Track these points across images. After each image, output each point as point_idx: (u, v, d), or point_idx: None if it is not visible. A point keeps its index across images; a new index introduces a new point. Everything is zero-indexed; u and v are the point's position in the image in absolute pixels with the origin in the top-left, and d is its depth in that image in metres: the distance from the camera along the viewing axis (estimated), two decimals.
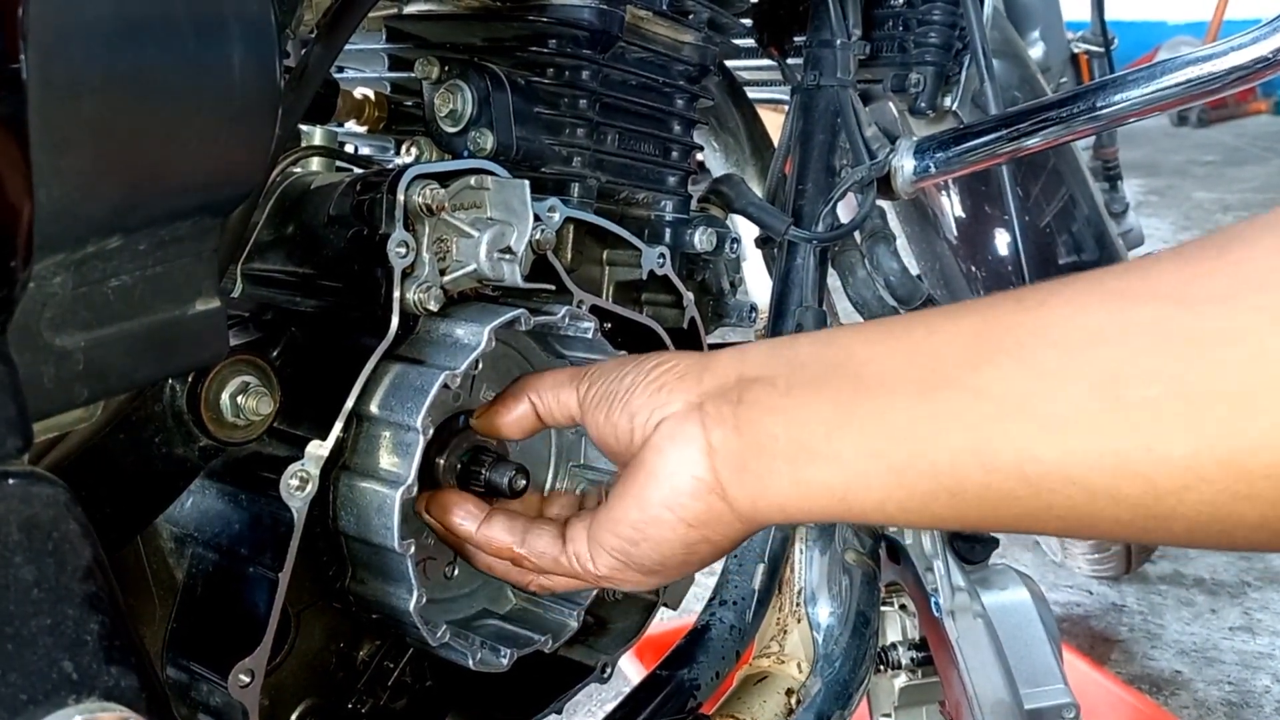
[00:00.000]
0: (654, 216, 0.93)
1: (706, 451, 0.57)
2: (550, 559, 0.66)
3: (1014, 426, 0.47)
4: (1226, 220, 5.74)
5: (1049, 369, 0.46)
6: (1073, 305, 0.47)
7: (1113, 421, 0.44)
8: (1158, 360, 0.43)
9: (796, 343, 0.58)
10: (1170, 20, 9.81)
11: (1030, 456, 0.47)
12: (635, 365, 0.63)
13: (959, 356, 0.50)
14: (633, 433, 0.61)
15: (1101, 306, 0.46)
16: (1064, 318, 0.47)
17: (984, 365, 0.48)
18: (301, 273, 0.72)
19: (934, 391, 0.50)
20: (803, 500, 0.55)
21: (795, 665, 1.01)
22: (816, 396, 0.54)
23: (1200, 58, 0.94)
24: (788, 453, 0.54)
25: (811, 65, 1.09)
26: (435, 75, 0.82)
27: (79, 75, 0.43)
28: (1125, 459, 0.44)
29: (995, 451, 0.48)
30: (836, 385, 0.54)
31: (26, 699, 0.41)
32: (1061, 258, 1.57)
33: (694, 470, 0.57)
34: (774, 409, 0.55)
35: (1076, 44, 2.33)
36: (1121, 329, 0.45)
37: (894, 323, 0.55)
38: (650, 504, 0.59)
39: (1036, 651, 1.13)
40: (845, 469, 0.53)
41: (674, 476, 0.58)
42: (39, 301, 0.45)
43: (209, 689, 0.63)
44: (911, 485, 0.51)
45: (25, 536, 0.42)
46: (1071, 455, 0.46)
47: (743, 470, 0.56)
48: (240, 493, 0.67)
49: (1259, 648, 2.25)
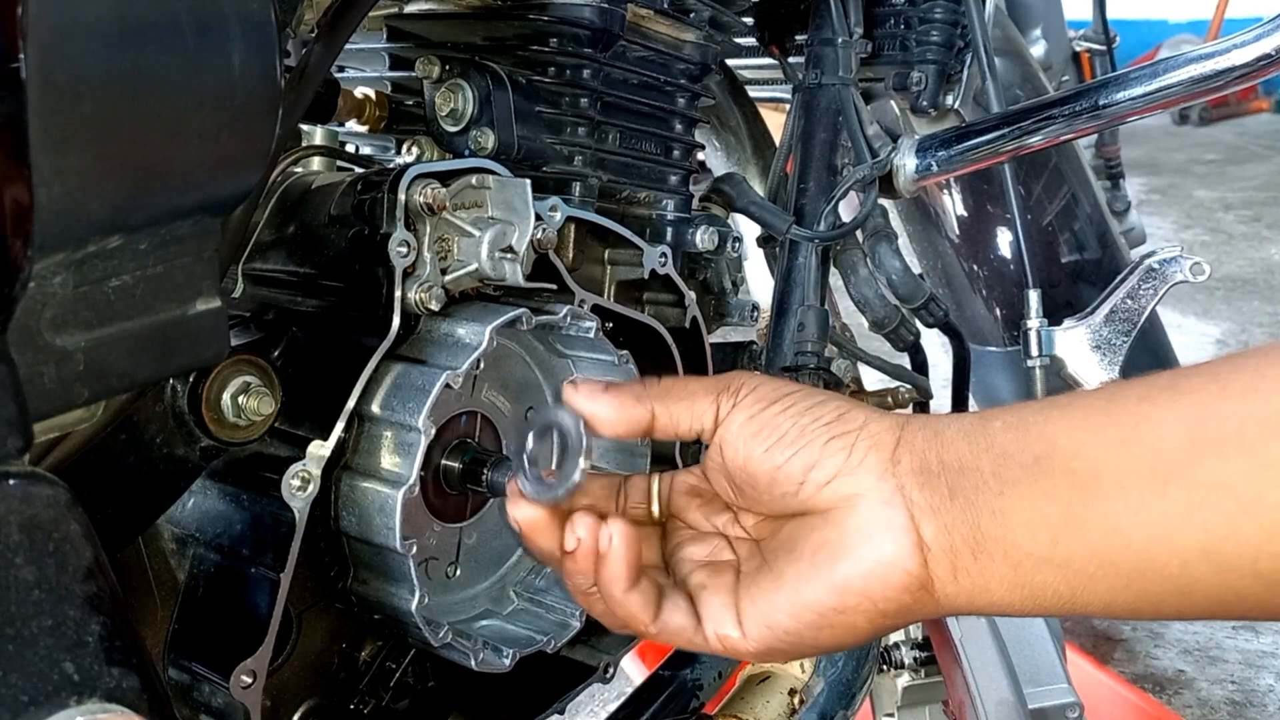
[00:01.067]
0: (655, 215, 0.93)
1: (918, 546, 0.53)
2: (685, 639, 0.59)
3: (1248, 523, 0.46)
4: (1228, 219, 5.74)
5: (1276, 460, 0.45)
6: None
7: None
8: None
9: (989, 427, 0.54)
10: (1171, 19, 9.81)
11: (1266, 553, 0.46)
12: (808, 402, 0.58)
13: (1178, 449, 0.48)
14: (801, 486, 0.56)
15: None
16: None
17: (1207, 458, 0.47)
18: (302, 272, 0.72)
19: (1159, 489, 0.48)
20: (1026, 602, 0.53)
21: (798, 665, 1.01)
22: (1033, 496, 0.51)
23: (1202, 55, 0.94)
24: (1010, 557, 0.52)
25: (813, 64, 1.08)
26: (436, 74, 0.82)
27: (79, 75, 0.43)
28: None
29: (1228, 551, 0.47)
30: (1050, 482, 0.51)
31: (28, 700, 0.41)
32: (1064, 256, 1.57)
33: (905, 564, 0.53)
34: (991, 510, 0.52)
35: (1078, 42, 2.33)
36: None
37: (1088, 406, 0.53)
38: (848, 593, 0.54)
39: (1040, 650, 1.13)
40: (1072, 574, 0.51)
41: (884, 568, 0.53)
42: (40, 301, 0.45)
43: (211, 690, 0.63)
44: (1140, 589, 0.49)
45: (26, 537, 0.42)
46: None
47: (957, 570, 0.53)
48: (241, 493, 0.67)
49: (1262, 647, 2.25)
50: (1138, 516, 0.48)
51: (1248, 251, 5.19)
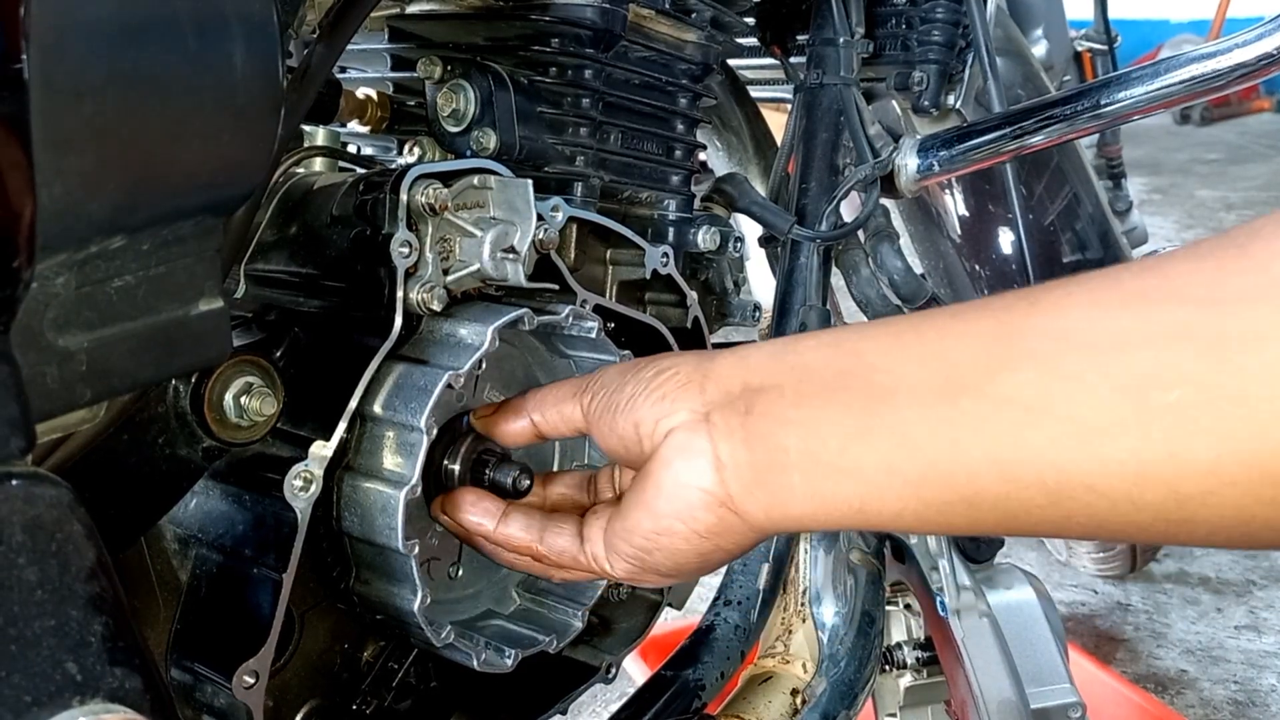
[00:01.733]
0: (657, 216, 0.93)
1: (715, 465, 0.57)
2: (569, 557, 0.66)
3: (1035, 435, 0.46)
4: (1230, 219, 5.74)
5: (1071, 374, 0.45)
6: (1093, 308, 0.46)
7: (1137, 427, 0.43)
8: (1182, 365, 0.42)
9: (800, 347, 0.57)
10: (1173, 18, 9.81)
11: (1051, 465, 0.46)
12: (635, 373, 0.63)
13: (975, 362, 0.48)
14: (640, 441, 0.61)
15: (1123, 309, 0.45)
16: (1085, 321, 0.46)
17: (1002, 371, 0.47)
18: (304, 273, 0.72)
19: (952, 399, 0.49)
20: (818, 512, 0.54)
21: (800, 665, 1.00)
22: (829, 406, 0.53)
23: (1204, 55, 0.94)
24: (801, 465, 0.54)
25: (814, 64, 1.08)
26: (438, 75, 0.82)
27: (81, 75, 0.43)
28: (1148, 465, 0.43)
29: (1015, 461, 0.47)
30: (848, 394, 0.53)
31: (31, 700, 0.41)
32: (1066, 256, 1.57)
33: (702, 484, 0.57)
34: (784, 420, 0.54)
35: (1079, 42, 2.33)
36: (1144, 332, 0.44)
37: (902, 325, 0.54)
38: (661, 516, 0.59)
39: (1042, 651, 1.12)
40: (862, 482, 0.52)
41: (683, 489, 0.58)
42: (42, 302, 0.45)
43: (213, 690, 0.63)
44: (929, 496, 0.50)
45: (29, 538, 0.42)
46: (1093, 463, 0.45)
47: (754, 483, 0.56)
48: (244, 493, 0.67)
49: (1265, 646, 2.25)
50: (929, 426, 0.49)
51: None
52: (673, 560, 0.60)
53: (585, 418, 0.66)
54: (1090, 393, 0.44)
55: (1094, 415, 0.44)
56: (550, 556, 0.67)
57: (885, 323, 0.56)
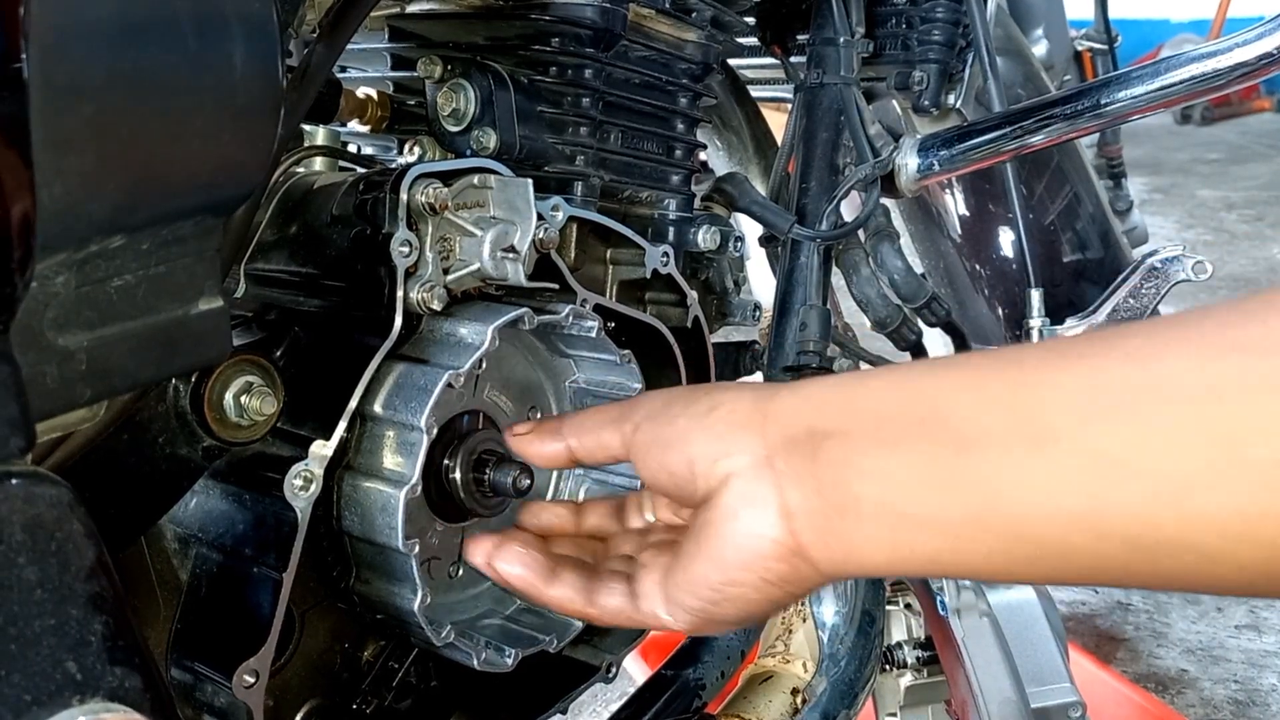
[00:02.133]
0: (657, 215, 0.93)
1: (784, 514, 0.55)
2: (625, 617, 0.63)
3: (1127, 489, 0.45)
4: (1231, 218, 5.73)
5: (1163, 427, 0.44)
6: (1188, 359, 0.45)
7: (1233, 483, 0.42)
8: (1278, 416, 0.41)
9: (870, 387, 0.55)
10: (1173, 18, 9.81)
11: (1143, 520, 0.45)
12: (685, 405, 0.61)
13: (1066, 412, 0.47)
14: (694, 480, 0.58)
15: (1219, 360, 0.44)
16: (1179, 372, 0.44)
17: (1093, 422, 0.46)
18: (304, 272, 0.72)
19: (1040, 450, 0.47)
20: (894, 561, 0.53)
21: (801, 664, 1.00)
22: (908, 454, 0.51)
23: (1204, 54, 0.94)
24: (877, 516, 0.52)
25: (814, 63, 1.08)
26: (438, 74, 0.82)
27: (81, 75, 0.43)
28: (1246, 522, 0.42)
29: (1107, 516, 0.45)
30: (928, 443, 0.50)
31: (31, 700, 0.41)
32: (1066, 255, 1.57)
33: (772, 534, 0.55)
34: (858, 469, 0.52)
35: (1080, 41, 2.32)
36: (1240, 384, 0.43)
37: (983, 369, 0.51)
38: (729, 568, 0.56)
39: (1042, 650, 1.12)
40: (943, 534, 0.50)
41: (753, 540, 0.55)
42: (42, 301, 0.45)
43: (213, 689, 0.63)
44: (1016, 551, 0.49)
45: (29, 537, 0.42)
46: (1189, 520, 0.44)
47: (825, 532, 0.54)
48: (244, 493, 0.67)
49: (1265, 646, 2.25)
50: (1018, 479, 0.47)
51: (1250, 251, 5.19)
52: (741, 610, 0.58)
53: (626, 447, 0.63)
54: (1183, 446, 0.43)
55: (1186, 469, 0.43)
56: (604, 618, 0.64)
57: (960, 363, 0.54)
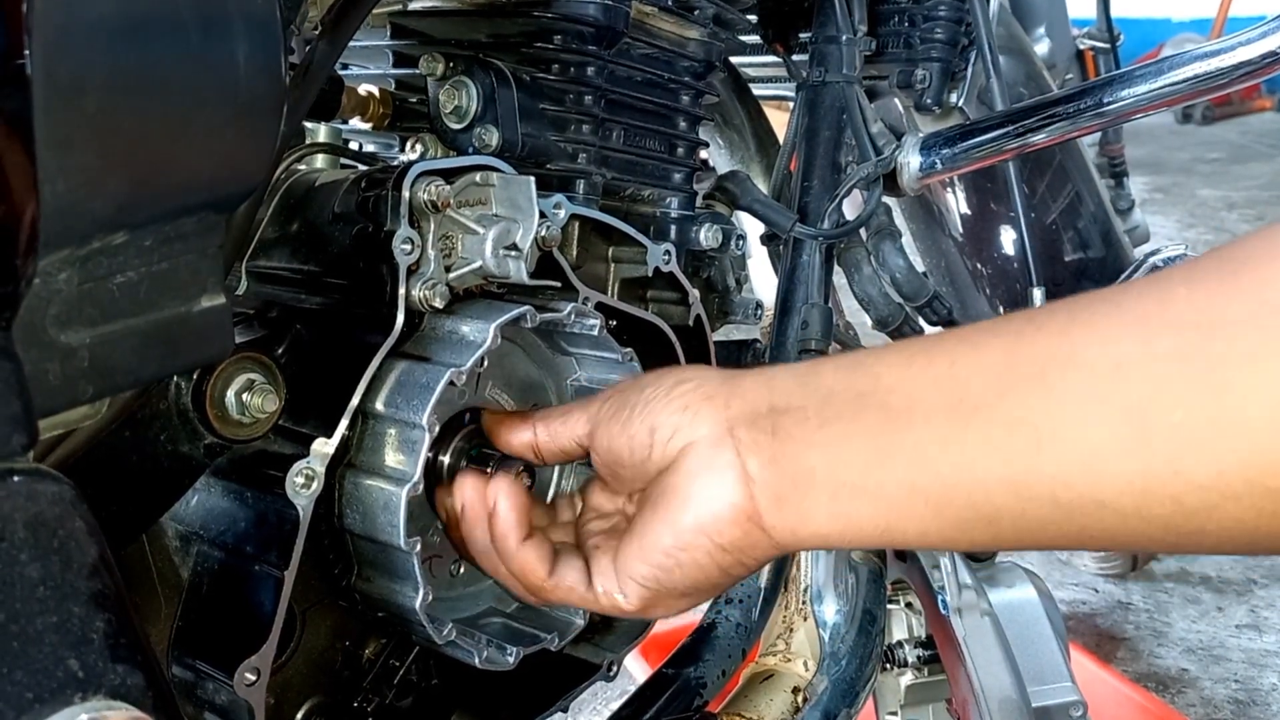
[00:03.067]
0: (659, 213, 0.92)
1: (743, 479, 0.57)
2: (578, 595, 0.64)
3: (1045, 455, 0.48)
4: (1231, 218, 5.74)
5: (1077, 398, 0.47)
6: (1096, 333, 0.48)
7: (1140, 448, 0.46)
8: (1182, 387, 0.45)
9: (820, 370, 0.58)
10: (1175, 17, 9.81)
11: (1062, 484, 0.48)
12: (655, 379, 0.63)
13: (985, 384, 0.50)
14: (651, 448, 0.61)
15: (1124, 334, 0.47)
16: (1088, 346, 0.48)
17: (1010, 393, 0.49)
18: (306, 270, 0.71)
19: (964, 421, 0.51)
20: (844, 532, 0.56)
21: (801, 663, 1.00)
22: (850, 428, 0.55)
23: (1206, 53, 0.93)
24: (827, 486, 0.55)
25: (817, 61, 1.08)
26: (440, 72, 0.82)
27: (84, 72, 0.42)
28: (1154, 483, 0.46)
29: (1028, 481, 0.49)
30: (867, 416, 0.54)
31: (33, 697, 0.40)
32: (1067, 254, 1.57)
33: (731, 497, 0.57)
34: (810, 443, 0.56)
35: (1082, 40, 2.32)
36: (1145, 357, 0.46)
37: (914, 347, 0.56)
38: (685, 529, 0.58)
39: (1044, 649, 1.13)
40: (885, 503, 0.53)
41: (711, 502, 0.58)
42: (44, 298, 0.45)
43: (215, 687, 0.63)
44: (949, 515, 0.52)
45: (31, 534, 0.42)
46: (1102, 481, 0.47)
47: (780, 500, 0.56)
48: (245, 490, 0.67)
49: (1266, 645, 2.25)
50: (945, 448, 0.51)
51: None
52: (692, 578, 0.60)
53: (590, 424, 0.65)
54: (1095, 415, 0.47)
55: (1099, 436, 0.47)
56: (557, 592, 0.64)
57: (900, 345, 0.58)
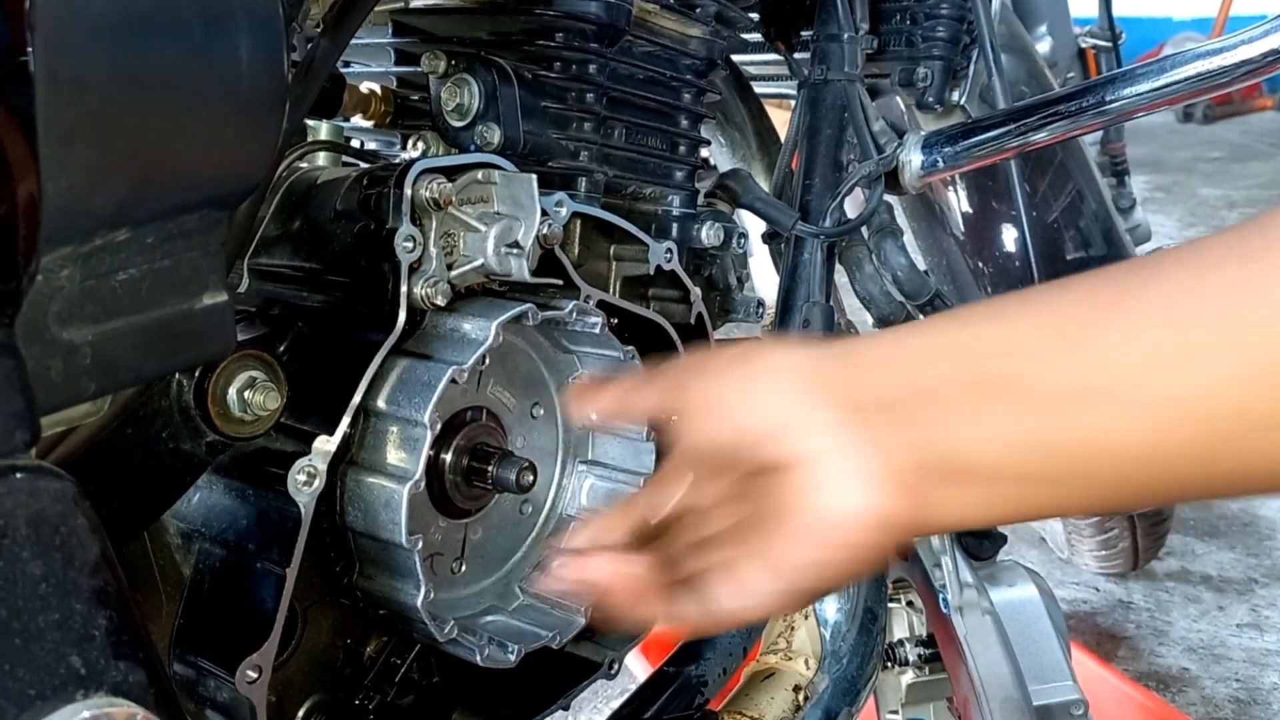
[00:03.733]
0: (661, 211, 0.92)
1: (873, 477, 0.54)
2: (709, 622, 0.60)
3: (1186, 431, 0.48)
4: (1232, 216, 5.73)
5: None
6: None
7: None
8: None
9: (936, 348, 0.55)
10: (1176, 16, 9.80)
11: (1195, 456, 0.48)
12: (757, 357, 0.59)
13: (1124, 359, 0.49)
14: (764, 438, 0.56)
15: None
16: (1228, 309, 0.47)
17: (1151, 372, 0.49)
18: (308, 267, 0.71)
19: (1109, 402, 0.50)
20: (979, 518, 0.55)
21: (803, 662, 1.00)
22: (989, 418, 0.53)
23: (1208, 52, 0.93)
24: (970, 477, 0.53)
25: (818, 60, 1.08)
26: (442, 69, 0.82)
27: (86, 68, 0.42)
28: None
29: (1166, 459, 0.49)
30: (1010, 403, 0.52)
31: (35, 694, 0.40)
32: (1069, 253, 1.57)
33: (864, 499, 0.54)
34: (947, 431, 0.53)
35: (1084, 39, 2.32)
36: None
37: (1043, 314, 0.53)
38: (824, 545, 0.55)
39: (1045, 648, 1.12)
40: (1024, 488, 0.53)
41: (844, 499, 0.54)
42: (46, 295, 0.45)
43: (216, 684, 0.63)
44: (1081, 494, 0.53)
45: (33, 531, 0.42)
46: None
47: (921, 496, 0.54)
48: (247, 488, 0.67)
49: (1267, 645, 2.25)
50: (1086, 431, 0.50)
51: None
52: (834, 581, 0.57)
53: (678, 393, 0.61)
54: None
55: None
56: (677, 624, 0.61)
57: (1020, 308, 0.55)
